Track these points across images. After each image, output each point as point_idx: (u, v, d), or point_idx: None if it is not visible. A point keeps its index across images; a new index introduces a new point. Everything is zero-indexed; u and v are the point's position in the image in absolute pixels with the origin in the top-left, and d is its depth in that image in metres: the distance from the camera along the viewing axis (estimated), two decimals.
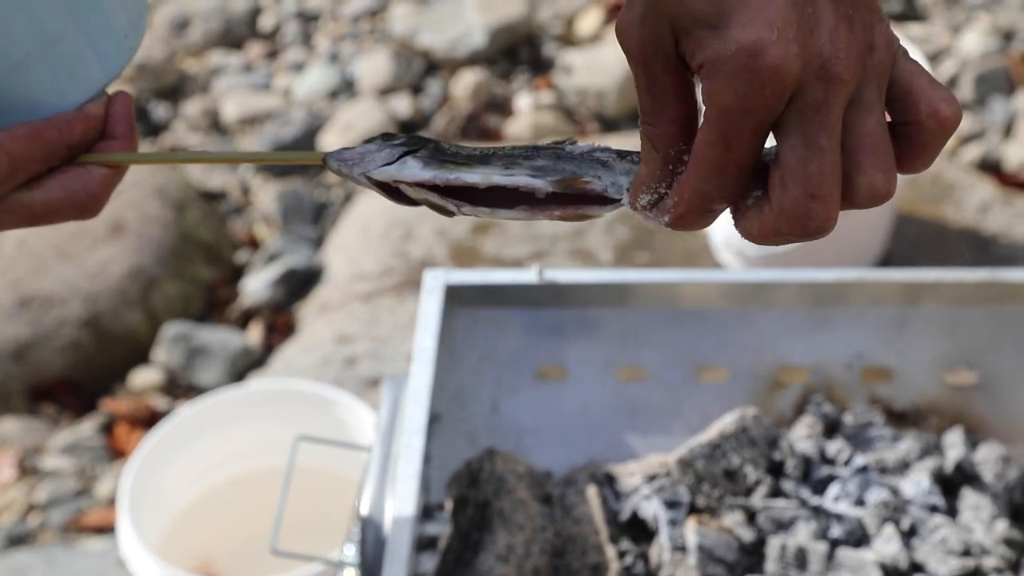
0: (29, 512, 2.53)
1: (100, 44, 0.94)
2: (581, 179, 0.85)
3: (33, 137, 0.90)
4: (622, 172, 0.85)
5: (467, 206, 0.86)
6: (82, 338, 2.74)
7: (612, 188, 0.85)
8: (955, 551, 1.45)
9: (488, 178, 0.85)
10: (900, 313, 1.63)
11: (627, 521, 1.50)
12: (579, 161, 0.85)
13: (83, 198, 0.93)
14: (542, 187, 0.85)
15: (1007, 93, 3.09)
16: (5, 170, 0.89)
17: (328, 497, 2.08)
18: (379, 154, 0.87)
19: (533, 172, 0.85)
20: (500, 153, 0.86)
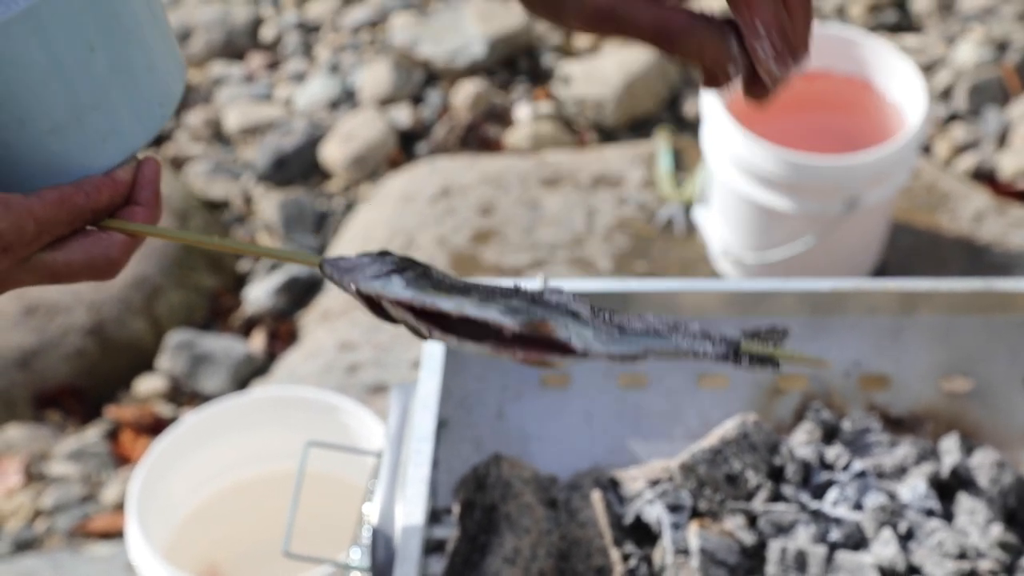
0: (35, 518, 2.56)
1: (135, 111, 0.95)
2: (547, 325, 0.87)
3: (61, 202, 0.92)
4: (590, 326, 0.87)
5: (438, 331, 0.89)
6: (87, 346, 2.76)
7: (576, 339, 0.87)
8: (951, 554, 1.48)
9: (461, 308, 0.88)
10: (896, 322, 1.66)
11: (631, 525, 1.53)
12: (552, 309, 0.88)
13: (102, 263, 0.95)
14: (509, 326, 0.87)
15: (1001, 103, 3.12)
16: (32, 234, 0.90)
17: (332, 502, 2.10)
18: (370, 268, 0.90)
19: (504, 311, 0.88)
20: (481, 287, 0.89)
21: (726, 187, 2.64)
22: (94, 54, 0.91)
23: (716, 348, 0.88)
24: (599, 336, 0.87)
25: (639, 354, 0.88)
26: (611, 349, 0.87)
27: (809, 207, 2.57)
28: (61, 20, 0.90)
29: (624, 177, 2.96)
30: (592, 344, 0.87)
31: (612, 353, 0.87)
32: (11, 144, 0.92)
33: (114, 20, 0.92)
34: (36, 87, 0.90)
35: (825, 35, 2.77)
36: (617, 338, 0.87)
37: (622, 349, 0.87)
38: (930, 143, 3.10)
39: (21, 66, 0.89)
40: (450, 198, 2.94)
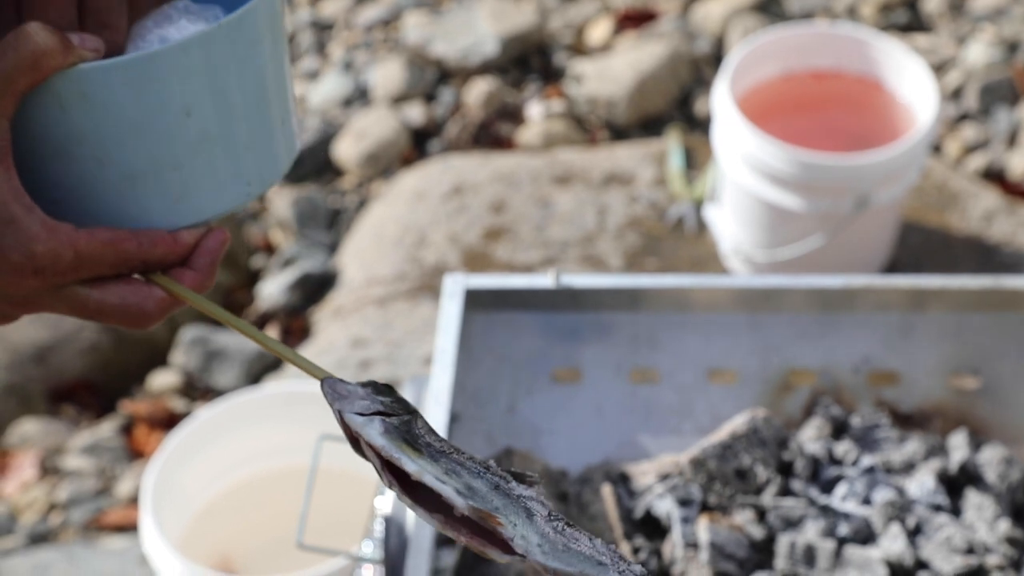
0: (51, 511, 2.58)
1: (218, 183, 0.95)
2: (495, 519, 0.87)
3: (110, 244, 0.91)
4: (539, 532, 0.88)
5: (397, 487, 0.89)
6: (101, 341, 2.78)
7: (520, 541, 0.87)
8: (959, 549, 1.49)
9: (420, 475, 0.88)
10: (906, 319, 1.67)
11: (641, 518, 1.54)
12: (510, 501, 0.88)
13: (135, 312, 0.94)
14: (460, 506, 0.87)
15: (1011, 103, 3.13)
16: (68, 264, 0.90)
17: (345, 496, 2.12)
18: (359, 401, 0.91)
19: (461, 489, 0.88)
20: (454, 456, 0.89)
21: (737, 185, 2.65)
22: (189, 119, 0.92)
23: None
24: (542, 546, 0.87)
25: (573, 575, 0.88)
26: (548, 562, 0.88)
27: (819, 206, 2.58)
28: (161, 80, 0.90)
29: (635, 175, 2.98)
30: (533, 551, 0.87)
31: (548, 566, 0.88)
32: (86, 181, 0.92)
33: (221, 95, 0.92)
34: (121, 134, 0.90)
35: (836, 35, 2.78)
36: (559, 553, 0.88)
37: (558, 565, 0.88)
38: (940, 143, 3.11)
39: (111, 112, 0.90)
40: (462, 196, 2.96)
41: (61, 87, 0.89)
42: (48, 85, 0.89)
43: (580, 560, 0.87)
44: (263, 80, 0.95)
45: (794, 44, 2.77)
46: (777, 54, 2.77)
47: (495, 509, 0.87)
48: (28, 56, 0.88)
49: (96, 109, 0.90)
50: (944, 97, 3.13)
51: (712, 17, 3.33)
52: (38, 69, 0.88)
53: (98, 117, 0.90)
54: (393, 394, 0.92)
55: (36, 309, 0.94)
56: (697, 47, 3.29)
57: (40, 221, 0.89)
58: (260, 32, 0.94)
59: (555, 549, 0.87)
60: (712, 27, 3.32)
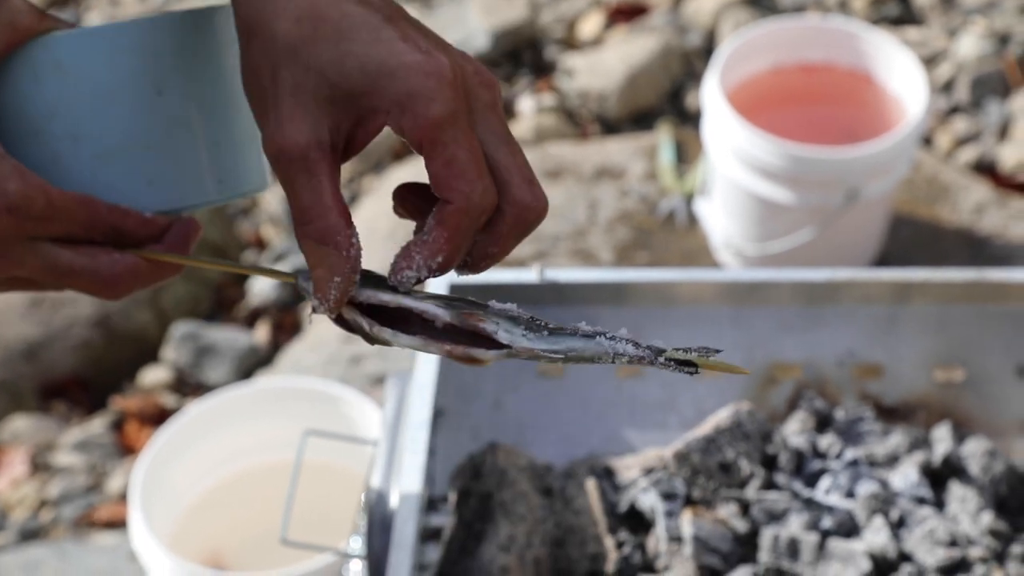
0: (41, 507, 2.58)
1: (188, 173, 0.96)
2: (476, 315, 0.89)
3: (84, 203, 0.92)
4: (524, 326, 0.89)
5: (376, 326, 0.90)
6: (92, 337, 2.78)
7: (504, 333, 0.88)
8: (942, 542, 1.49)
9: (398, 300, 0.90)
10: (890, 312, 1.67)
11: (625, 513, 1.55)
12: (491, 311, 0.90)
13: (106, 275, 0.94)
14: (441, 316, 0.89)
15: (1002, 96, 3.13)
16: (41, 210, 0.91)
17: (334, 492, 2.12)
18: None
19: (440, 304, 0.89)
20: (430, 294, 0.91)
21: (727, 179, 2.66)
22: (160, 98, 0.94)
23: (638, 351, 0.89)
24: (527, 335, 0.89)
25: (562, 351, 0.89)
26: (535, 346, 0.89)
27: (810, 199, 2.58)
28: (133, 51, 0.92)
29: (626, 169, 2.98)
30: (518, 339, 0.88)
31: (535, 349, 0.89)
32: (60, 159, 0.94)
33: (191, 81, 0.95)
34: (94, 106, 0.92)
35: (826, 29, 2.78)
36: (545, 337, 0.89)
37: (546, 346, 0.89)
38: (931, 135, 3.11)
39: (84, 82, 0.92)
40: None
41: (36, 55, 0.91)
42: (23, 53, 0.91)
43: (566, 338, 0.89)
44: (233, 84, 0.96)
45: (784, 38, 2.78)
46: (767, 48, 2.77)
47: (474, 315, 0.89)
48: (5, 16, 0.90)
49: (70, 79, 0.92)
50: (935, 90, 3.14)
51: (703, 11, 3.33)
52: (15, 29, 0.91)
53: (72, 88, 0.92)
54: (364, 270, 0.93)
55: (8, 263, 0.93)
56: (688, 41, 3.29)
57: (13, 165, 0.90)
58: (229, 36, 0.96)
59: (540, 336, 0.89)
60: (703, 21, 3.32)
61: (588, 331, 0.90)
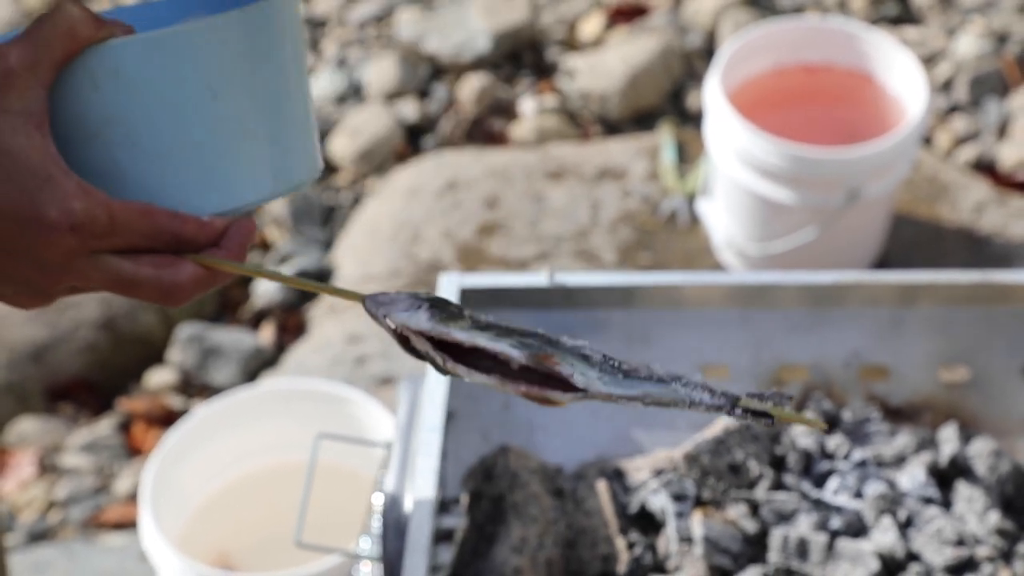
0: (50, 509, 2.59)
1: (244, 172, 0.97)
2: (552, 359, 0.90)
3: (144, 214, 0.94)
4: (598, 368, 0.90)
5: (451, 361, 0.92)
6: (98, 339, 2.80)
7: (579, 376, 0.89)
8: (950, 541, 1.51)
9: (473, 339, 0.91)
10: (896, 313, 1.69)
11: (636, 514, 1.56)
12: (563, 349, 0.90)
13: (168, 285, 0.95)
14: (516, 357, 0.90)
15: (1001, 95, 3.15)
16: (103, 226, 0.92)
17: (342, 492, 2.13)
18: (403, 302, 0.94)
19: (515, 344, 0.90)
20: (502, 326, 0.92)
21: (729, 179, 2.67)
22: (216, 102, 0.95)
23: (714, 400, 0.90)
24: (603, 377, 0.89)
25: (639, 398, 0.90)
26: (612, 390, 0.90)
27: (811, 199, 2.60)
28: (190, 58, 0.94)
29: (628, 170, 2.99)
30: (594, 383, 0.89)
31: (612, 394, 0.90)
32: (120, 161, 0.95)
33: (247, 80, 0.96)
34: (151, 112, 0.94)
35: (826, 29, 2.80)
36: (620, 381, 0.90)
37: (622, 391, 0.90)
38: (931, 135, 3.12)
39: (141, 88, 0.93)
40: (456, 191, 2.97)
41: (94, 63, 0.93)
42: (82, 62, 0.93)
43: (641, 383, 0.90)
44: (287, 75, 0.98)
45: (785, 38, 2.79)
46: (768, 48, 2.78)
47: (548, 353, 0.90)
48: (64, 25, 0.92)
49: (128, 85, 0.93)
50: (934, 89, 3.15)
51: (703, 11, 3.34)
52: (74, 38, 0.92)
53: (130, 94, 0.93)
54: (433, 296, 0.95)
55: (72, 279, 0.95)
56: (689, 41, 3.31)
57: (76, 182, 0.92)
58: (284, 27, 0.98)
59: (616, 380, 0.90)
60: (703, 21, 3.34)
61: (663, 375, 0.90)
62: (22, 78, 0.92)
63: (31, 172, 0.91)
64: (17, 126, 0.91)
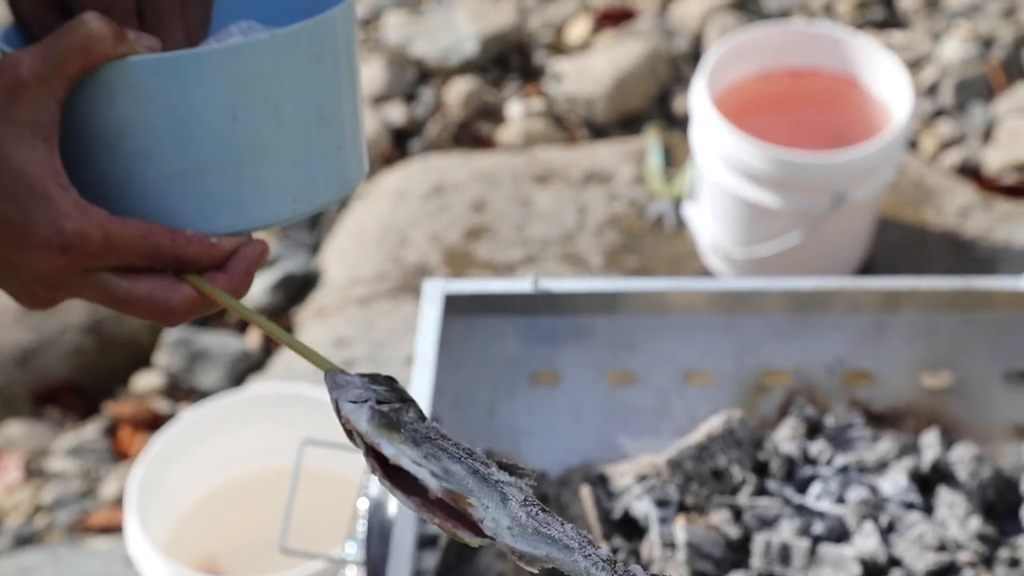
0: (36, 513, 2.59)
1: (263, 194, 0.95)
2: (467, 500, 0.90)
3: (143, 235, 0.92)
4: (511, 516, 0.90)
5: (379, 472, 0.92)
6: (85, 343, 2.80)
7: (490, 523, 0.89)
8: (931, 546, 1.52)
9: (398, 458, 0.90)
10: (879, 319, 1.70)
11: (619, 519, 1.57)
12: (486, 484, 0.90)
13: (161, 306, 0.94)
14: (433, 488, 0.90)
15: (986, 99, 3.16)
16: (96, 246, 0.91)
17: (327, 497, 2.14)
18: (355, 390, 0.93)
19: (438, 472, 0.90)
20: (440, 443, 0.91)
21: (715, 183, 2.68)
22: (235, 124, 0.93)
23: None
24: (512, 528, 0.90)
25: (539, 558, 0.91)
26: (516, 545, 0.90)
27: (797, 203, 2.61)
28: (209, 81, 0.92)
29: (615, 173, 3.00)
30: (502, 533, 0.90)
31: (515, 549, 0.90)
32: (131, 177, 0.93)
33: (270, 105, 0.93)
34: (167, 131, 0.92)
35: (812, 34, 2.80)
36: (528, 536, 0.90)
37: (525, 548, 0.90)
38: (916, 139, 3.14)
39: (158, 107, 0.92)
40: (443, 195, 2.98)
41: (111, 77, 0.91)
42: (99, 74, 0.91)
43: (547, 543, 0.90)
44: (321, 98, 0.96)
45: (771, 43, 2.80)
46: (754, 53, 2.79)
47: (468, 491, 0.90)
48: (80, 40, 0.90)
49: (144, 102, 0.92)
50: (920, 93, 3.16)
51: (690, 15, 3.35)
52: (89, 54, 0.91)
53: (146, 111, 0.92)
54: (390, 384, 0.94)
55: (67, 292, 0.95)
56: (675, 45, 3.32)
57: (73, 201, 0.91)
58: (322, 49, 0.95)
59: (524, 532, 0.90)
60: (690, 25, 3.35)
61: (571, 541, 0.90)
62: (33, 89, 0.90)
63: (29, 187, 0.91)
64: (24, 137, 0.90)
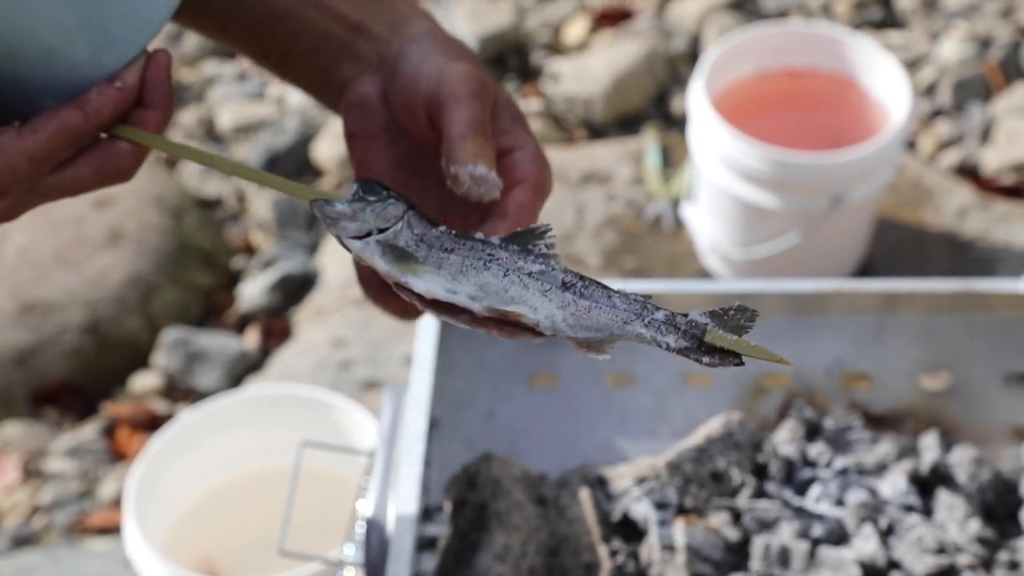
0: (34, 514, 2.59)
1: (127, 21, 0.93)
2: (513, 313, 0.89)
3: (59, 132, 0.92)
4: (561, 306, 0.90)
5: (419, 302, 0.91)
6: (83, 344, 2.80)
7: (546, 322, 0.89)
8: (930, 549, 1.52)
9: (431, 291, 0.90)
10: (878, 321, 1.69)
11: (618, 522, 1.57)
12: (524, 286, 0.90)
13: (112, 174, 0.95)
14: (478, 310, 0.90)
15: (984, 99, 3.16)
16: (27, 171, 0.91)
17: (325, 498, 2.14)
18: (352, 224, 0.92)
19: (474, 293, 0.90)
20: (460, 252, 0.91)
21: (713, 184, 2.68)
22: None
23: (678, 342, 0.90)
24: (567, 319, 0.89)
25: (604, 340, 0.90)
26: (576, 335, 0.90)
27: (795, 204, 2.61)
28: None
29: (613, 174, 3.00)
30: (560, 328, 0.89)
31: (577, 339, 0.90)
32: (8, 72, 0.92)
33: None
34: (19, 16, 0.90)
35: (810, 34, 2.80)
36: (584, 321, 0.89)
37: (587, 336, 0.90)
38: (914, 139, 3.14)
39: None
40: None
41: None
42: None
43: (605, 326, 0.89)
44: None
45: (769, 43, 2.80)
46: (752, 53, 2.79)
47: (510, 301, 0.89)
48: None
49: None
50: (918, 93, 3.16)
51: (688, 15, 3.35)
52: None
53: None
54: (378, 192, 0.93)
55: (25, 209, 0.95)
56: (673, 45, 3.31)
57: None
58: None
59: (580, 322, 0.89)
60: (688, 25, 3.34)
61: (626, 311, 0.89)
62: None
63: None
64: None
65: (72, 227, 2.92)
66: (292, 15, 1.03)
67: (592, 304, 0.89)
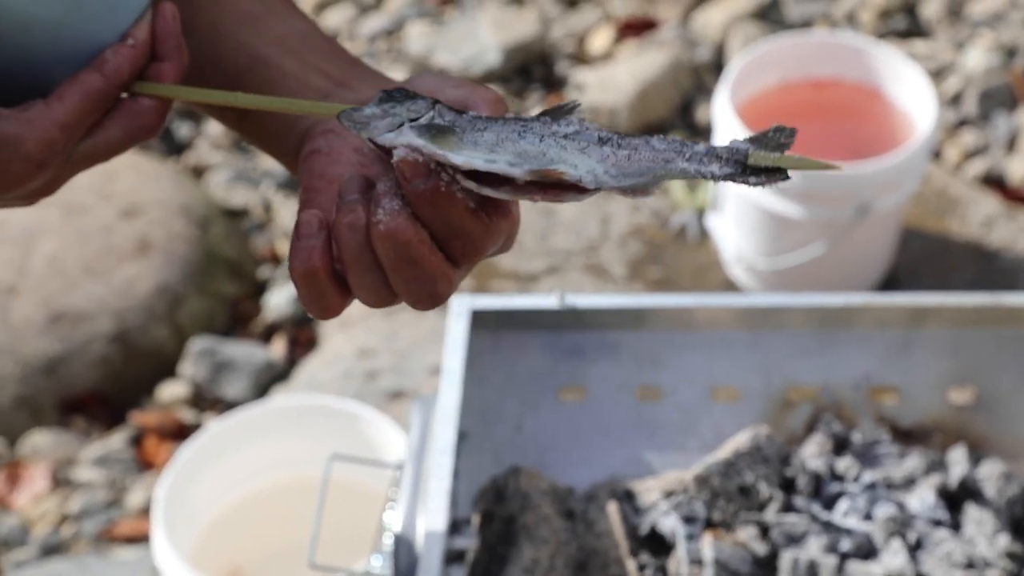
0: (62, 522, 2.61)
1: None
2: (554, 172, 0.89)
3: (84, 97, 0.93)
4: (601, 160, 0.90)
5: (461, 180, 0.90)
6: (111, 353, 2.81)
7: (588, 176, 0.90)
8: (959, 564, 1.52)
9: (470, 162, 0.90)
10: (905, 335, 1.70)
11: (646, 535, 1.57)
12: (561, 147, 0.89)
13: (140, 132, 0.96)
14: (519, 176, 0.89)
15: (1010, 108, 3.16)
16: (62, 139, 0.92)
17: (351, 509, 2.15)
18: (383, 122, 0.92)
19: (513, 160, 0.90)
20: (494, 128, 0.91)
21: (738, 194, 2.68)
22: None
23: (723, 169, 0.89)
24: (609, 171, 0.89)
25: (649, 183, 0.90)
26: (621, 183, 0.90)
27: (821, 214, 2.61)
28: None
29: None
30: (603, 180, 0.89)
31: (622, 187, 0.90)
32: (23, 47, 0.92)
33: None
34: None
35: (835, 44, 2.80)
36: (625, 168, 0.90)
37: (632, 182, 0.90)
38: (940, 148, 3.13)
39: None
40: None
41: None
42: None
43: (648, 168, 0.89)
44: None
45: (793, 53, 2.80)
46: (776, 63, 2.79)
47: (550, 162, 0.89)
48: None
49: None
50: (943, 103, 3.16)
51: (712, 25, 3.35)
52: None
53: None
54: (405, 93, 0.93)
55: (62, 182, 0.96)
56: (698, 55, 3.32)
57: (15, 122, 0.91)
58: None
59: (622, 170, 0.89)
60: (712, 35, 3.35)
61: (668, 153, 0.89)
62: None
63: None
64: None
65: (100, 237, 2.94)
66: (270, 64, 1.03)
67: (631, 152, 0.90)
